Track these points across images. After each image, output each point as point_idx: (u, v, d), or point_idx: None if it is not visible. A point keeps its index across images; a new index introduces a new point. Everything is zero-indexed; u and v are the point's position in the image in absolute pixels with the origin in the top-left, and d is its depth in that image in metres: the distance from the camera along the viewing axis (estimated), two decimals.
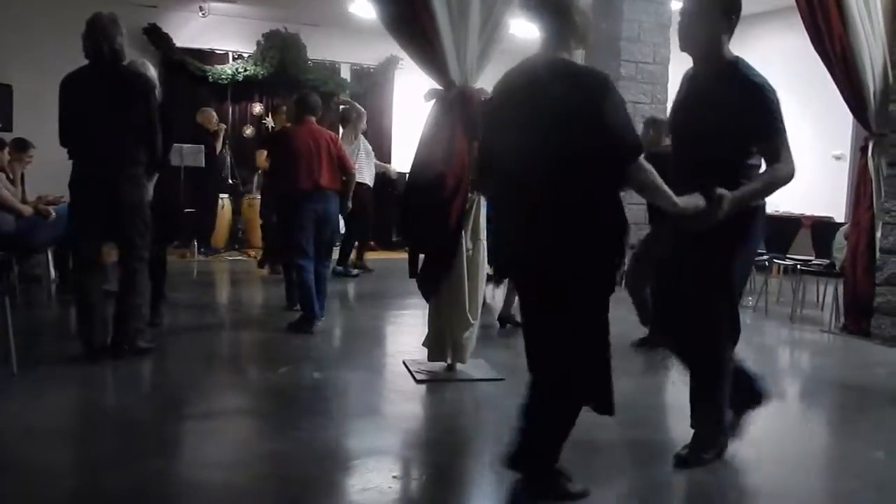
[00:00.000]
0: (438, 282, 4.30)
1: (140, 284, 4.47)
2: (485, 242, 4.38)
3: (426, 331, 4.47)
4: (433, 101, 4.32)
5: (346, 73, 11.99)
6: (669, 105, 5.73)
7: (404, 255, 4.76)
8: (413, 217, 4.41)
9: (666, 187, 2.58)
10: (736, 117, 2.86)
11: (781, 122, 2.92)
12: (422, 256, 4.42)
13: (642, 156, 2.50)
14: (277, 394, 4.12)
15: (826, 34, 5.81)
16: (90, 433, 3.49)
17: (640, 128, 5.61)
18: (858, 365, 5.25)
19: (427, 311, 4.46)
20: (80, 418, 3.74)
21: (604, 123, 2.43)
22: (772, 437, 3.71)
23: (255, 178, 10.20)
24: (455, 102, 4.20)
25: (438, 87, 4.29)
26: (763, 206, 3.10)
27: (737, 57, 2.99)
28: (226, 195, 9.98)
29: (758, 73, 2.94)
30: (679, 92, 3.20)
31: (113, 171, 4.30)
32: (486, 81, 4.66)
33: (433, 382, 4.30)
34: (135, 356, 4.47)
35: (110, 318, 4.47)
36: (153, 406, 3.86)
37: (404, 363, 4.62)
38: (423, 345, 4.46)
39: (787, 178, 2.94)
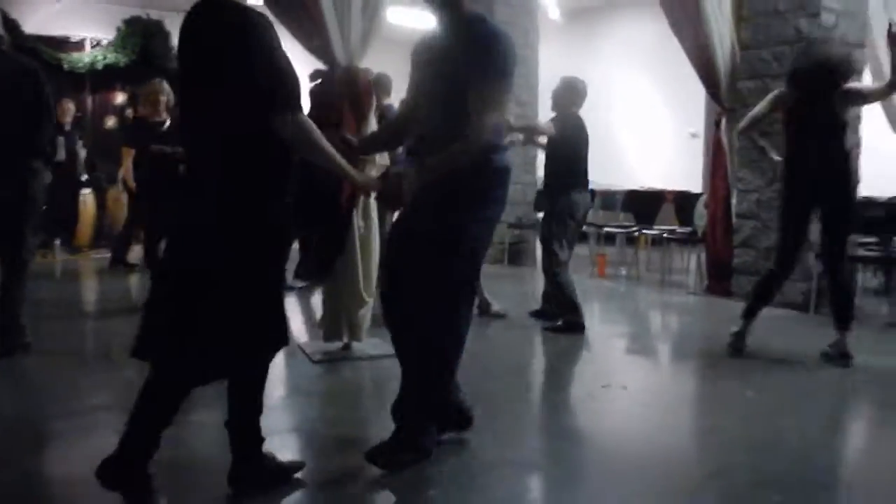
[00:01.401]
0: (331, 263, 4.35)
1: (26, 278, 4.28)
2: (376, 221, 4.46)
3: (320, 312, 4.52)
4: (318, 82, 4.36)
5: None
6: (541, 88, 5.96)
7: None
8: (302, 199, 4.43)
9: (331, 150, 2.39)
10: (459, 69, 2.62)
11: (500, 73, 2.63)
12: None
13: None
14: None
15: (682, 19, 6.26)
16: None
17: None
18: (723, 320, 5.67)
19: (322, 293, 4.50)
20: None
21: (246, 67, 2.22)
22: (647, 387, 4.11)
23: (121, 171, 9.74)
24: (341, 82, 4.25)
25: (323, 67, 4.33)
26: (501, 169, 2.76)
27: (477, 14, 2.77)
28: (88, 190, 9.52)
29: (493, 26, 2.71)
30: (414, 58, 2.93)
31: (8, 160, 4.10)
32: (370, 62, 4.77)
33: (331, 363, 4.35)
34: (20, 352, 4.26)
35: None
36: (33, 404, 3.70)
37: (299, 346, 4.64)
38: (318, 326, 4.50)
39: (489, 130, 2.61)
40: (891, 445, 3.22)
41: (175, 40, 10.76)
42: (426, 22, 3.05)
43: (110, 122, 10.93)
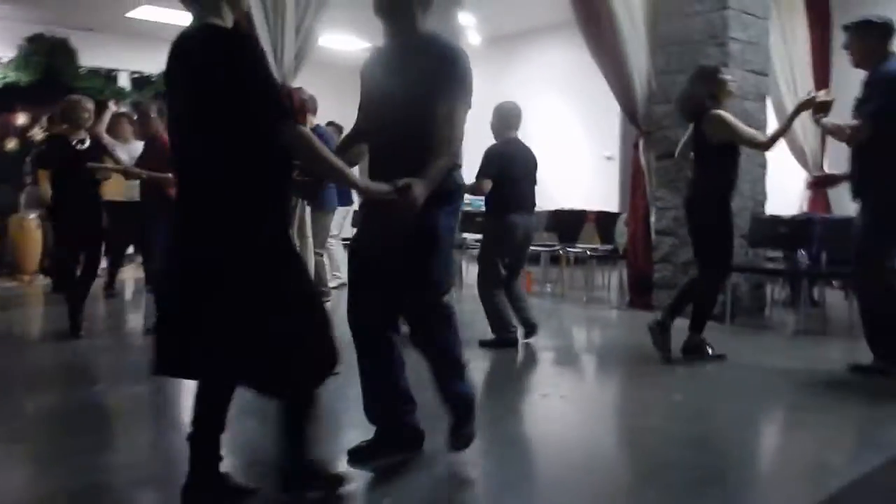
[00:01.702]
0: None
1: None
2: (311, 239, 4.50)
3: None
4: None
5: (124, 82, 11.40)
6: None
7: None
8: None
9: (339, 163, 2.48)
10: (426, 82, 2.70)
11: (466, 87, 2.75)
12: None
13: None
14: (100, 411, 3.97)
15: (602, 46, 6.59)
16: None
17: None
18: (646, 332, 5.96)
19: None
20: None
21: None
22: (583, 395, 4.37)
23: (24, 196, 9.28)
24: None
25: None
26: (461, 186, 2.92)
27: (431, 31, 2.86)
28: None
29: (452, 42, 2.85)
30: (363, 68, 2.98)
31: None
32: (302, 82, 4.85)
33: None
34: None
35: None
36: None
37: None
38: None
39: (458, 140, 2.75)
40: (804, 442, 3.50)
41: (81, 59, 10.45)
42: (356, 46, 3.13)
43: (11, 144, 10.46)
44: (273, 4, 4.48)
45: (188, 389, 2.69)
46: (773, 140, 4.73)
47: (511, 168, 5.21)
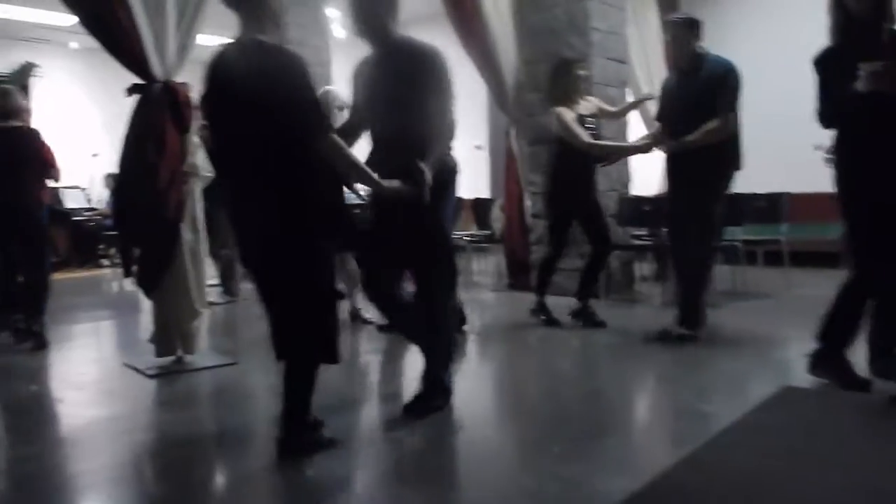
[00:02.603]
0: (160, 276, 4.31)
1: None
2: (204, 233, 4.47)
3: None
4: (136, 97, 4.31)
5: None
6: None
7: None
8: (126, 213, 4.36)
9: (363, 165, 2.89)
10: (416, 87, 3.15)
11: (450, 83, 3.26)
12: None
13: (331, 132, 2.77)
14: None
15: (470, 36, 6.79)
16: None
17: None
18: (526, 311, 6.24)
19: (152, 309, 4.44)
20: None
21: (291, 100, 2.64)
22: (469, 370, 4.55)
23: None
24: (161, 96, 4.24)
25: (140, 81, 4.29)
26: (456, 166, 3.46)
27: (405, 36, 3.31)
28: None
29: (427, 45, 3.30)
30: (354, 79, 3.44)
31: None
32: (187, 76, 4.77)
33: (165, 376, 4.30)
34: None
35: None
36: None
37: (126, 364, 4.53)
38: (150, 341, 4.43)
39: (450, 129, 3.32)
40: (681, 394, 3.80)
41: None
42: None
43: None
44: (154, 6, 4.36)
45: None
46: (592, 146, 5.14)
47: None
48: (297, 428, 2.89)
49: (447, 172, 3.33)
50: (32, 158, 5.17)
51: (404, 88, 3.14)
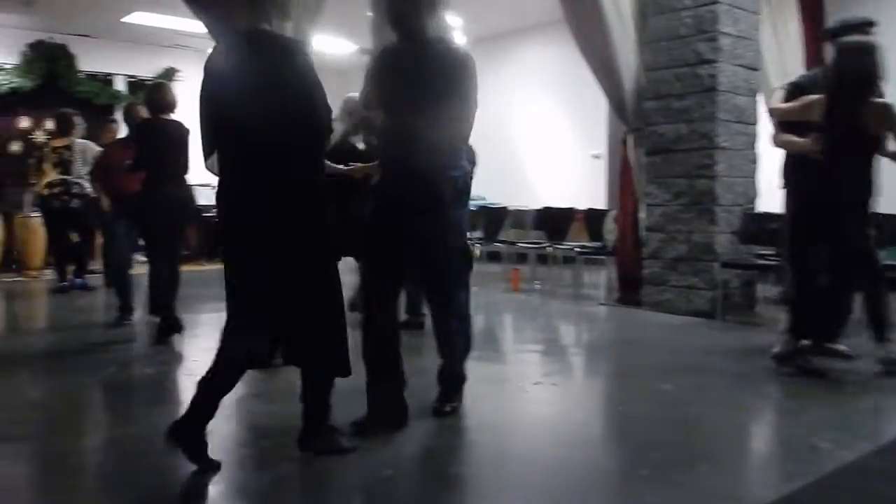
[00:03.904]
0: None
1: None
2: None
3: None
4: None
5: (121, 86, 11.50)
6: None
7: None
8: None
9: None
10: (443, 86, 3.09)
11: (476, 88, 3.19)
12: None
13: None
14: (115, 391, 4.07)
15: (590, 43, 6.62)
16: None
17: None
18: (635, 326, 6.03)
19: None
20: None
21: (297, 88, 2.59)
22: (574, 383, 4.44)
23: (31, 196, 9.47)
24: None
25: None
26: (469, 173, 3.39)
27: (440, 35, 3.22)
28: None
29: (461, 47, 3.30)
30: (376, 66, 3.34)
31: None
32: None
33: (269, 369, 4.29)
34: None
35: None
36: None
37: None
38: None
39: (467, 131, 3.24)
40: (792, 427, 3.51)
41: (80, 63, 10.65)
42: (346, 49, 3.42)
43: (15, 146, 10.61)
44: None
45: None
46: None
47: None
48: (318, 429, 2.87)
49: (466, 177, 3.30)
50: (184, 152, 5.33)
51: (434, 87, 3.07)
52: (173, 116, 5.34)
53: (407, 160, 3.11)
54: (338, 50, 10.50)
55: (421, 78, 3.08)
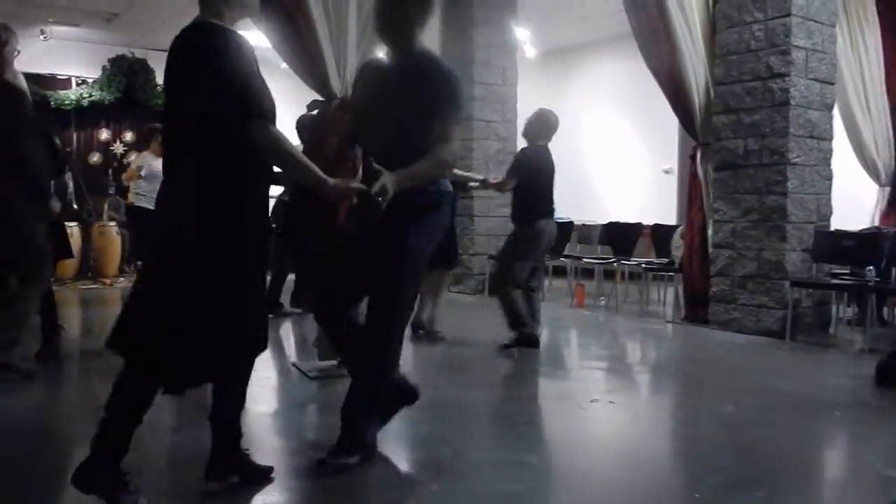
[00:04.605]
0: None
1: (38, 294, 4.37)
2: None
3: (313, 335, 4.64)
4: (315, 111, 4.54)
5: None
6: (519, 123, 6.20)
7: None
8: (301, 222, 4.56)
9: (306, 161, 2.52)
10: (423, 103, 2.85)
11: (459, 107, 2.94)
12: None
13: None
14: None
15: (658, 57, 6.54)
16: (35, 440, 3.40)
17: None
18: (700, 345, 5.90)
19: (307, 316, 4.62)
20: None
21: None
22: (633, 402, 4.31)
23: (106, 205, 9.87)
24: (336, 112, 4.43)
25: (320, 98, 4.51)
26: (447, 193, 3.03)
27: (426, 50, 3.03)
28: (73, 223, 9.56)
29: (445, 64, 3.02)
30: (360, 80, 3.18)
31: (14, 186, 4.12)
32: None
33: (325, 380, 4.42)
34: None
35: None
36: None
37: (293, 364, 4.73)
38: (313, 345, 4.61)
39: (452, 156, 2.90)
40: (861, 455, 3.39)
41: (158, 77, 11.01)
42: None
43: (95, 157, 11.05)
44: (336, 20, 4.63)
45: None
46: None
47: (540, 175, 5.31)
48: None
49: (434, 197, 2.93)
50: None
51: (414, 108, 2.84)
52: None
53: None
54: None
55: (396, 96, 2.87)
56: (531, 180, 5.25)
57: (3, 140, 4.09)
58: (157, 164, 7.24)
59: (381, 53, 3.12)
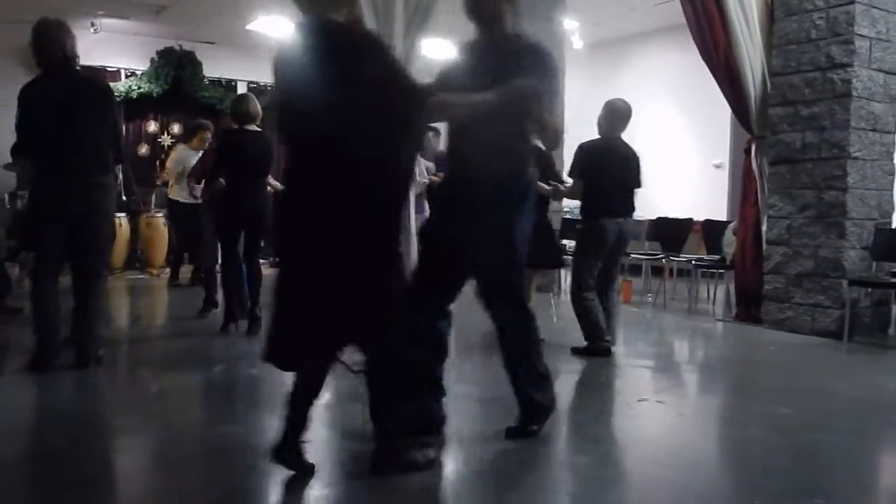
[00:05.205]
0: None
1: (103, 292, 4.39)
2: None
3: None
4: None
5: (243, 91, 11.91)
6: (567, 116, 6.09)
7: None
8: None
9: None
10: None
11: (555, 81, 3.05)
12: None
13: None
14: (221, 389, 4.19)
15: (713, 47, 6.34)
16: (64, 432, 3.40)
17: None
18: (752, 345, 5.71)
19: None
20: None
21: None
22: (682, 401, 4.22)
23: (154, 196, 9.97)
24: None
25: None
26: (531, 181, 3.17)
27: (518, 31, 3.08)
28: (122, 214, 9.68)
29: (540, 43, 3.06)
30: (459, 59, 3.17)
31: (80, 177, 4.13)
32: None
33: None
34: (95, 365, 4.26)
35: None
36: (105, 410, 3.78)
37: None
38: None
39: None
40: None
41: (205, 70, 11.10)
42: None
43: (143, 149, 11.18)
44: (384, 9, 4.55)
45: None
46: None
47: (601, 168, 4.96)
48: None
49: (518, 196, 3.04)
50: (268, 161, 5.49)
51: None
52: (255, 127, 5.46)
53: (469, 159, 2.93)
54: (444, 55, 10.36)
55: (490, 76, 2.81)
56: (591, 175, 4.96)
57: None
58: (193, 158, 7.32)
59: (426, 44, 3.16)
